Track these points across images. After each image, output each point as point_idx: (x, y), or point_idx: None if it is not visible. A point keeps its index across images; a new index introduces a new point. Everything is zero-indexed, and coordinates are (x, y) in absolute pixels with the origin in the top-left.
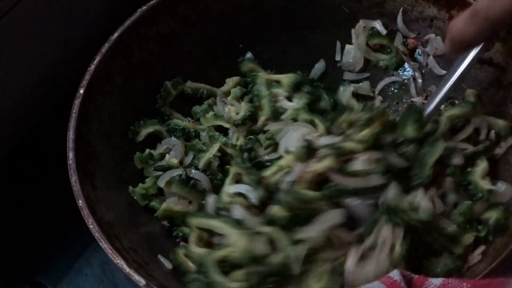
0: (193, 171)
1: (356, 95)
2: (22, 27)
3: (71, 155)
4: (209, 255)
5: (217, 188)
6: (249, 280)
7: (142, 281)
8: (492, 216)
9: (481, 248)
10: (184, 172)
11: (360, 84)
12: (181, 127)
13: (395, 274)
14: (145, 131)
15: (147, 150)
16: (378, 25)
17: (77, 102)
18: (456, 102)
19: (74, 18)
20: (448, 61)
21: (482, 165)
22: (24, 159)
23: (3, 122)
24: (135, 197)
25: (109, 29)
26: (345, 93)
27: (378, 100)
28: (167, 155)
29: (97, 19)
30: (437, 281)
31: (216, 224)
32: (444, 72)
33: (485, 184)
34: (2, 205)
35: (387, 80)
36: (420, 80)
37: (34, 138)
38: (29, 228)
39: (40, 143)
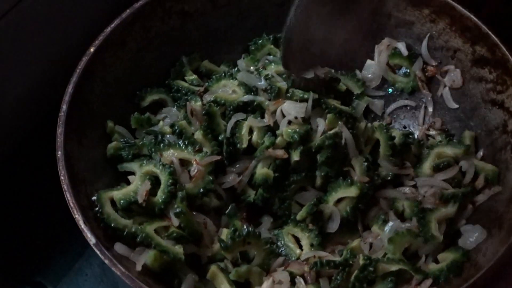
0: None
1: (364, 111)
2: (22, 27)
3: (64, 107)
4: None
5: None
6: None
7: (92, 240)
8: (449, 257)
9: (428, 281)
10: None
11: (375, 100)
12: (185, 89)
13: None
14: (150, 98)
15: (147, 114)
16: (402, 46)
17: (84, 59)
18: (454, 140)
19: (74, 18)
20: (463, 95)
21: (448, 210)
22: (24, 159)
23: (3, 122)
24: (108, 153)
25: None
26: (359, 107)
27: (385, 121)
28: (161, 122)
29: (97, 20)
30: None
31: None
32: (457, 106)
33: (434, 229)
34: (2, 205)
35: (400, 102)
36: (430, 110)
37: (34, 138)
38: (29, 228)
39: (40, 144)
